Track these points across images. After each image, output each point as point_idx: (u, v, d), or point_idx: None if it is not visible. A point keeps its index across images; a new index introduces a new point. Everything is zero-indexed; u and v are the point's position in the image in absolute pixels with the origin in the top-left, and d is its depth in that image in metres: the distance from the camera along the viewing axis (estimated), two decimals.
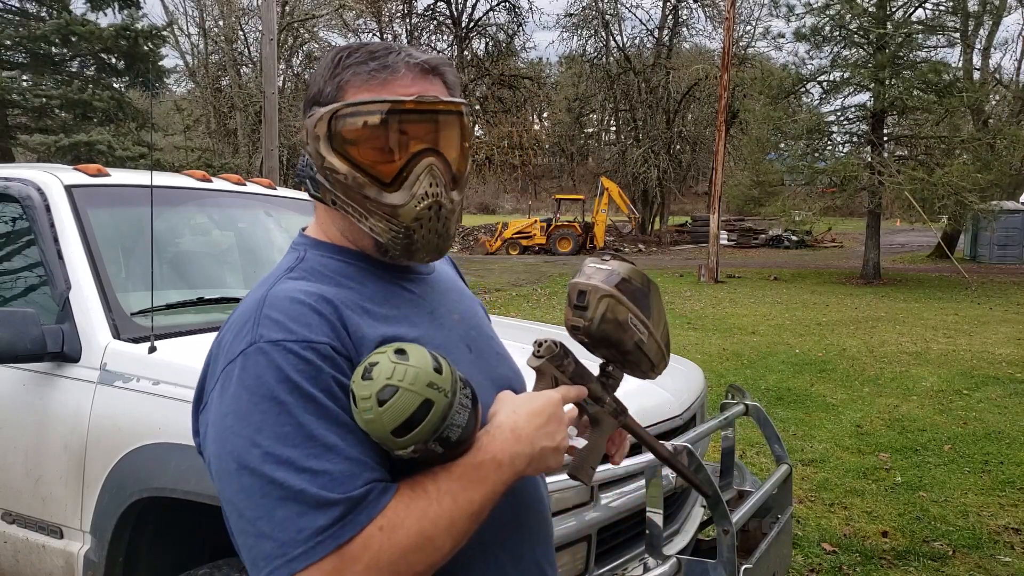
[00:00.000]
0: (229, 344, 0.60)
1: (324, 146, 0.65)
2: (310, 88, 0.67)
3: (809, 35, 12.11)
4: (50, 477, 1.36)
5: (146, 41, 8.96)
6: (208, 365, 0.63)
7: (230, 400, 0.57)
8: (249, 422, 0.55)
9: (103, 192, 1.65)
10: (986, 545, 2.47)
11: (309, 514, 0.53)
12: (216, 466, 0.58)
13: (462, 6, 22.99)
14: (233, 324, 0.62)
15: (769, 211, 13.24)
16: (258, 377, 0.56)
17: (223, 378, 0.58)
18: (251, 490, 0.54)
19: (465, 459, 0.59)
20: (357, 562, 0.53)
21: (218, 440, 0.57)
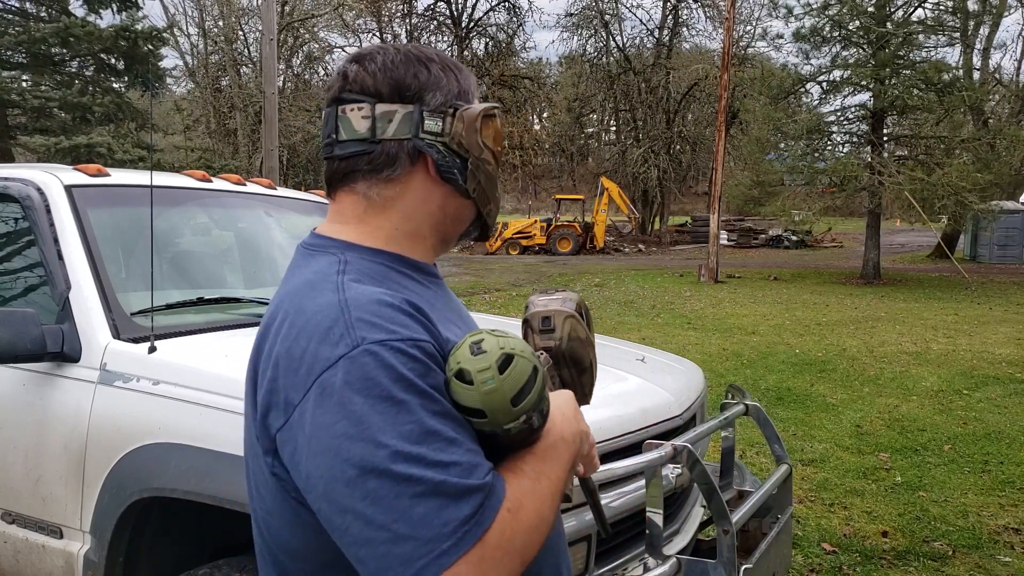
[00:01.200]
0: (315, 351, 0.57)
1: (481, 139, 0.68)
2: (433, 82, 0.67)
3: (808, 36, 12.11)
4: (50, 477, 1.36)
5: (146, 42, 8.97)
6: (277, 379, 0.58)
7: (336, 407, 0.54)
8: (367, 425, 0.53)
9: (103, 192, 1.65)
10: (986, 545, 2.47)
11: (451, 506, 0.52)
12: (326, 478, 0.54)
13: (462, 6, 23.01)
14: (311, 332, 0.58)
15: (769, 211, 13.24)
16: (369, 379, 0.54)
17: (319, 387, 0.55)
18: (379, 493, 0.52)
19: (542, 442, 0.61)
20: (497, 547, 0.53)
21: (327, 451, 0.54)
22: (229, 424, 1.18)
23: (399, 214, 0.67)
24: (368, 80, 0.66)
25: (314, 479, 0.55)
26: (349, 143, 0.66)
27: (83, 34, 8.34)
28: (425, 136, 0.66)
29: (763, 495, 1.43)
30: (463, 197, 0.69)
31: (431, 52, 0.69)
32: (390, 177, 0.66)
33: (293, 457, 0.57)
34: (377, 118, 0.66)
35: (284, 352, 0.59)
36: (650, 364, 1.83)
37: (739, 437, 3.45)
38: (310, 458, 0.55)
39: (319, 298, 0.61)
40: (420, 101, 0.66)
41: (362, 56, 0.68)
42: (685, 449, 1.22)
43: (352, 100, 0.66)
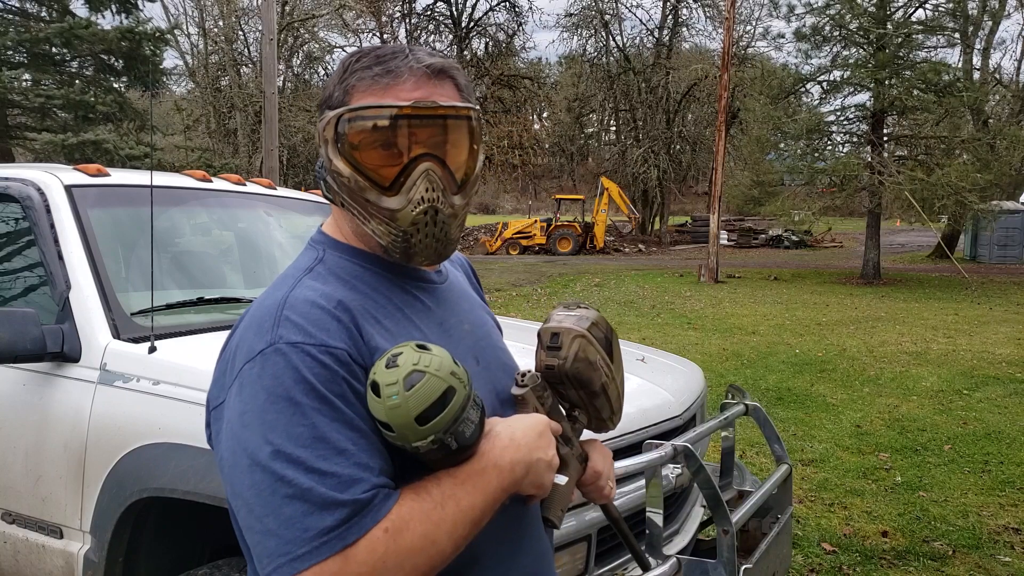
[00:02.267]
0: (249, 343, 0.60)
1: (332, 149, 0.66)
2: (323, 91, 0.69)
3: (809, 35, 12.11)
4: (50, 477, 1.36)
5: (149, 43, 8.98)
6: (226, 362, 0.63)
7: (248, 398, 0.58)
8: (264, 420, 0.56)
9: (103, 192, 1.65)
10: (986, 545, 2.47)
11: (316, 514, 0.53)
12: (229, 462, 0.58)
13: (462, 6, 22.99)
14: (252, 323, 0.62)
15: (769, 211, 13.24)
16: (276, 377, 0.57)
17: (241, 376, 0.59)
18: (261, 486, 0.55)
19: (468, 465, 0.60)
20: (362, 564, 0.53)
21: (232, 436, 0.58)
22: None
23: (340, 202, 0.69)
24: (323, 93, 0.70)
25: (223, 460, 0.59)
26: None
27: (87, 35, 8.35)
28: (319, 145, 0.69)
29: (763, 495, 1.43)
30: (342, 160, 0.66)
31: (358, 53, 0.68)
32: (327, 172, 0.69)
33: (216, 437, 0.61)
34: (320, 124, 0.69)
35: (235, 339, 0.63)
36: (650, 364, 1.83)
37: (739, 437, 3.45)
38: (223, 440, 0.59)
39: (275, 293, 0.64)
40: (327, 105, 0.68)
41: None
42: (685, 449, 1.22)
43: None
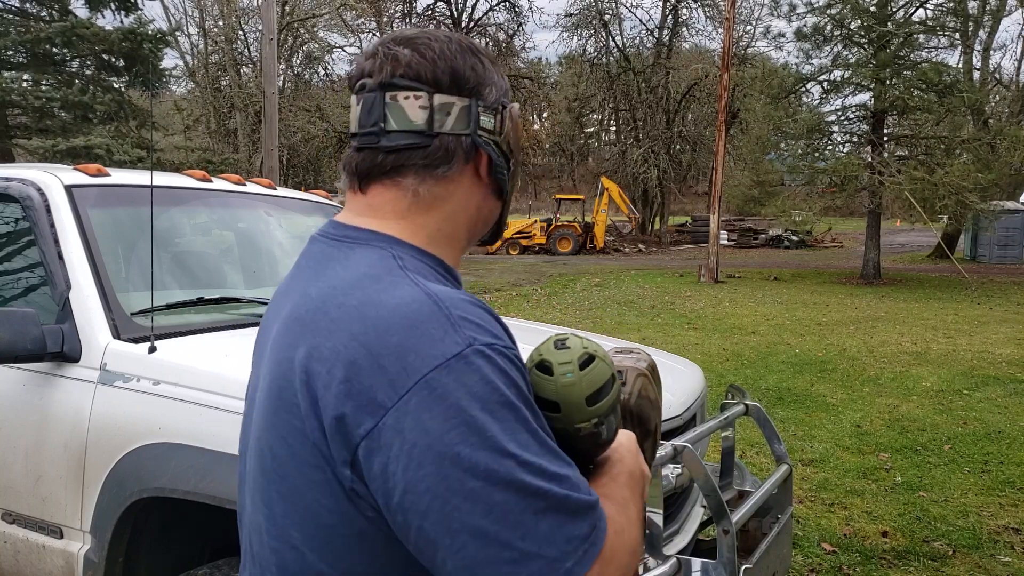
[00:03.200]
0: (413, 347, 0.49)
1: (519, 140, 0.65)
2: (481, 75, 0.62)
3: (810, 34, 12.11)
4: (50, 477, 1.36)
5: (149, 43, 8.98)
6: (354, 378, 0.50)
7: (450, 411, 0.48)
8: (490, 433, 0.48)
9: (103, 192, 1.65)
10: (986, 545, 2.47)
11: (571, 522, 0.48)
12: (437, 491, 0.47)
13: (462, 6, 23.00)
14: (398, 325, 0.51)
15: (769, 211, 13.24)
16: (487, 382, 0.49)
17: (426, 388, 0.48)
18: (507, 507, 0.47)
19: (619, 468, 0.59)
20: (610, 565, 0.50)
21: (440, 460, 0.47)
22: (229, 424, 1.18)
23: (442, 214, 0.62)
24: (425, 67, 0.59)
25: (418, 492, 0.47)
26: (401, 134, 0.59)
27: (88, 35, 8.35)
28: (482, 133, 0.62)
29: (763, 495, 1.43)
30: (496, 199, 0.66)
31: (478, 44, 0.65)
32: (444, 174, 0.61)
33: (385, 468, 0.48)
34: (436, 109, 0.59)
35: (359, 347, 0.51)
36: None
37: (739, 437, 3.45)
38: (413, 467, 0.47)
39: (395, 290, 0.54)
40: (477, 95, 0.61)
41: (413, 40, 0.61)
42: (685, 449, 1.22)
43: (406, 87, 0.59)
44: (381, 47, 0.61)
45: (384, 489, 0.49)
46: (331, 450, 0.51)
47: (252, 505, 0.59)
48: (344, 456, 0.51)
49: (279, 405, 0.55)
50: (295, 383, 0.53)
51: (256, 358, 0.66)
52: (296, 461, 0.54)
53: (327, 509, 0.52)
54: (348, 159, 0.63)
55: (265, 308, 0.68)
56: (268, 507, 0.56)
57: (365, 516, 0.51)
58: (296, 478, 0.54)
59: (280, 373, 0.55)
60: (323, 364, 0.52)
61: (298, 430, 0.53)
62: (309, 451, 0.52)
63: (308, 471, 0.53)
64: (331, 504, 0.52)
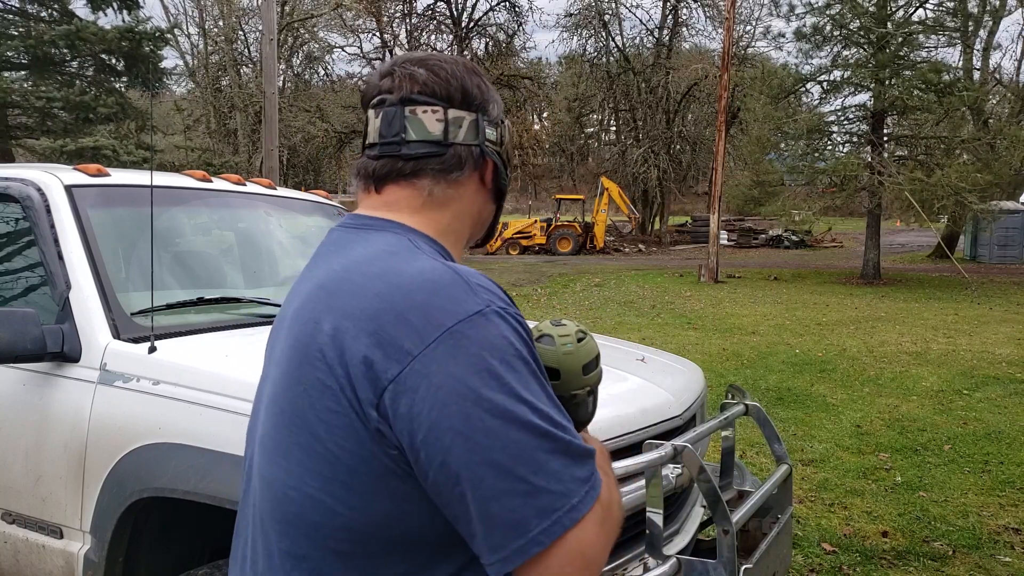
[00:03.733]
0: (438, 304, 0.56)
1: (502, 149, 0.73)
2: (485, 93, 0.71)
3: (810, 35, 12.11)
4: (50, 477, 1.36)
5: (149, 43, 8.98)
6: (381, 330, 0.55)
7: (472, 358, 0.54)
8: (507, 380, 0.54)
9: (103, 192, 1.65)
10: (986, 545, 2.47)
11: (575, 465, 0.54)
12: (460, 427, 0.52)
13: (462, 6, 23.00)
14: (421, 287, 0.57)
15: (769, 211, 13.24)
16: (504, 337, 0.56)
17: (451, 337, 0.54)
18: (522, 444, 0.53)
19: (595, 443, 0.64)
20: (608, 510, 0.56)
21: (464, 400, 0.53)
22: (229, 424, 1.18)
23: (451, 213, 0.70)
24: (440, 85, 0.68)
25: (442, 429, 0.53)
26: (420, 143, 0.68)
27: (89, 36, 8.36)
28: (487, 144, 0.70)
29: (763, 495, 1.43)
30: (493, 203, 0.74)
31: (479, 67, 0.74)
32: (456, 179, 0.69)
33: (411, 409, 0.54)
34: (450, 122, 0.68)
35: (386, 304, 0.57)
36: (650, 364, 1.83)
37: (739, 437, 3.45)
38: (438, 407, 0.53)
39: (415, 262, 0.61)
40: (483, 111, 0.71)
41: (426, 62, 0.69)
42: (685, 449, 1.22)
43: (424, 102, 0.68)
44: (398, 68, 0.69)
45: (409, 428, 0.54)
46: (357, 393, 0.55)
47: (267, 464, 0.62)
48: (370, 398, 0.55)
49: (302, 360, 0.59)
50: (319, 339, 0.58)
51: (272, 338, 0.70)
52: (316, 410, 0.57)
53: (349, 451, 0.56)
54: (364, 165, 0.70)
55: (265, 308, 0.70)
56: (286, 459, 0.59)
57: (388, 455, 0.55)
58: (316, 426, 0.57)
59: (305, 332, 0.60)
60: (351, 320, 0.57)
61: (319, 380, 0.57)
62: (331, 398, 0.56)
63: (330, 417, 0.57)
64: (353, 446, 0.56)
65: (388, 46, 23.43)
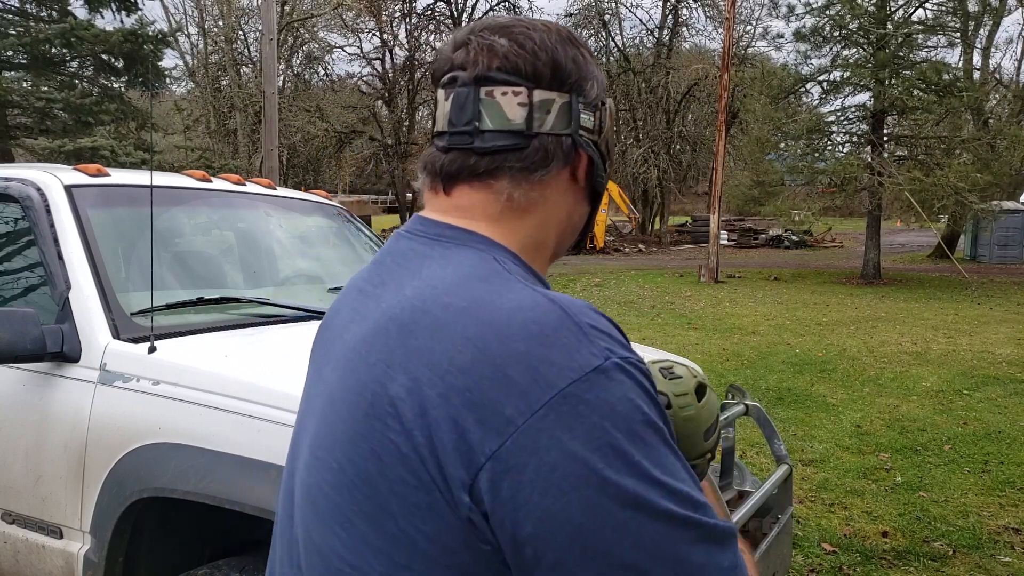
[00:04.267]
0: (544, 356, 0.44)
1: (605, 136, 0.58)
2: (582, 67, 0.57)
3: (809, 35, 12.12)
4: (50, 477, 1.35)
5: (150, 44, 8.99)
6: (475, 388, 0.44)
7: (594, 430, 0.43)
8: (635, 457, 0.43)
9: (103, 192, 1.65)
10: (986, 545, 2.47)
11: (720, 553, 0.44)
12: (581, 520, 0.42)
13: (462, 6, 23.01)
14: (522, 332, 0.45)
15: (769, 211, 13.24)
16: (630, 400, 0.44)
17: (565, 403, 0.43)
18: (660, 538, 0.42)
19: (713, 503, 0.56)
20: None
21: (585, 485, 0.42)
22: (229, 424, 1.18)
23: (535, 220, 0.56)
24: (525, 59, 0.54)
25: (558, 522, 0.42)
26: (497, 134, 0.54)
27: (88, 36, 8.36)
28: (582, 133, 0.56)
29: (763, 495, 1.43)
30: (587, 203, 0.60)
31: (577, 34, 0.58)
32: (541, 178, 0.55)
33: (516, 494, 0.43)
34: (535, 107, 0.54)
35: (478, 353, 0.45)
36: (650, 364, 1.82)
37: (739, 437, 3.44)
38: (553, 493, 0.42)
39: (508, 293, 0.48)
40: (579, 91, 0.56)
41: (509, 29, 0.55)
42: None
43: (503, 81, 0.53)
44: (474, 36, 0.55)
45: (513, 518, 0.43)
46: (443, 470, 0.44)
47: (320, 528, 0.51)
48: (462, 477, 0.44)
49: (369, 412, 0.48)
50: (391, 389, 0.47)
51: (320, 356, 0.58)
52: (388, 480, 0.46)
53: (427, 537, 0.45)
54: (432, 158, 0.57)
55: (265, 308, 0.65)
56: (345, 529, 0.49)
57: (477, 548, 0.44)
58: (388, 499, 0.46)
59: (372, 377, 0.48)
60: (434, 371, 0.46)
61: (393, 444, 0.46)
62: (408, 469, 0.46)
63: (406, 492, 0.46)
64: (432, 531, 0.45)
65: (388, 46, 23.44)
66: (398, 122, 24.04)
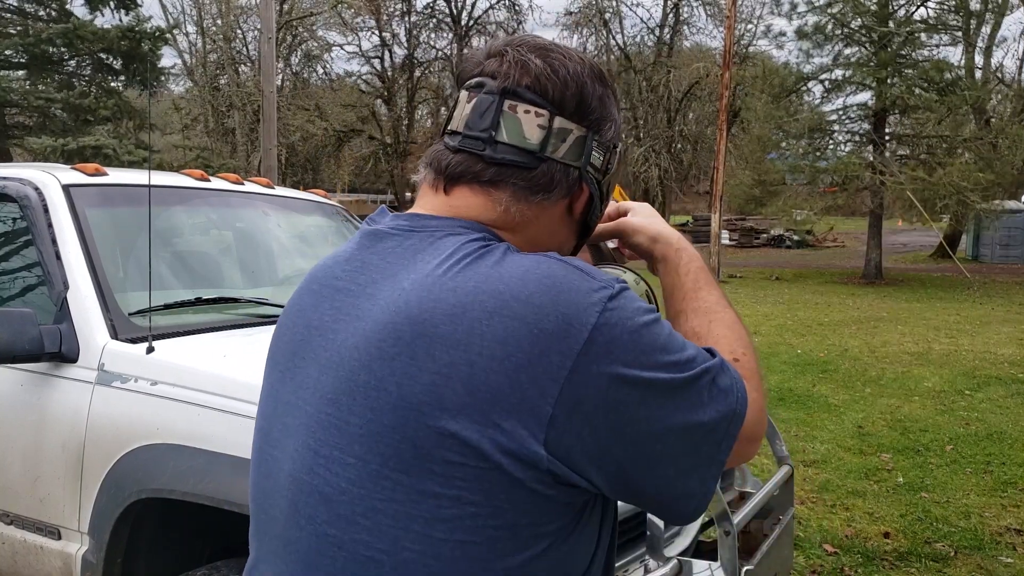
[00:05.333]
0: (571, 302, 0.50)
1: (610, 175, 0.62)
2: (606, 107, 0.60)
3: (811, 33, 12.09)
4: (48, 478, 1.35)
5: (148, 42, 8.98)
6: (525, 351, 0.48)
7: (627, 347, 0.52)
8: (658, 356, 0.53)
9: (101, 192, 1.65)
10: (988, 546, 2.46)
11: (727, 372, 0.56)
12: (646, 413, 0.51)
13: (461, 4, 23.01)
14: (540, 290, 0.50)
15: (770, 211, 13.23)
16: (637, 309, 0.54)
17: (598, 334, 0.51)
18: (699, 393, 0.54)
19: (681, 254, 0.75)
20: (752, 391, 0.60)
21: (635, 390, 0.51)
22: (227, 425, 1.17)
23: (524, 237, 0.58)
24: (556, 85, 0.56)
25: (631, 427, 0.51)
26: (510, 148, 0.56)
27: (88, 35, 8.36)
28: (589, 169, 0.58)
29: (764, 496, 1.43)
30: (574, 237, 0.63)
31: (607, 75, 0.62)
32: (539, 202, 0.57)
33: (587, 423, 0.50)
34: (553, 132, 0.56)
35: (507, 321, 0.49)
36: None
37: None
38: (617, 409, 0.50)
39: (509, 262, 0.53)
40: (597, 129, 0.58)
41: (547, 52, 0.57)
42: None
43: (529, 100, 0.56)
44: (511, 49, 0.57)
45: (593, 445, 0.50)
46: (510, 436, 0.48)
47: (336, 519, 0.52)
48: (534, 433, 0.48)
49: (398, 406, 0.50)
50: (423, 380, 0.49)
51: (294, 358, 0.58)
52: (428, 462, 0.49)
53: (474, 505, 0.49)
54: (438, 155, 0.58)
55: (264, 308, 0.65)
56: (370, 518, 0.51)
57: (532, 501, 0.49)
58: (426, 482, 0.49)
59: (392, 372, 0.50)
60: (468, 351, 0.49)
61: (431, 429, 0.49)
62: (453, 449, 0.49)
63: (449, 470, 0.49)
64: (481, 499, 0.49)
65: (387, 44, 23.43)
66: (397, 121, 24.05)
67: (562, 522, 0.52)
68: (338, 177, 25.62)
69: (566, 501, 0.51)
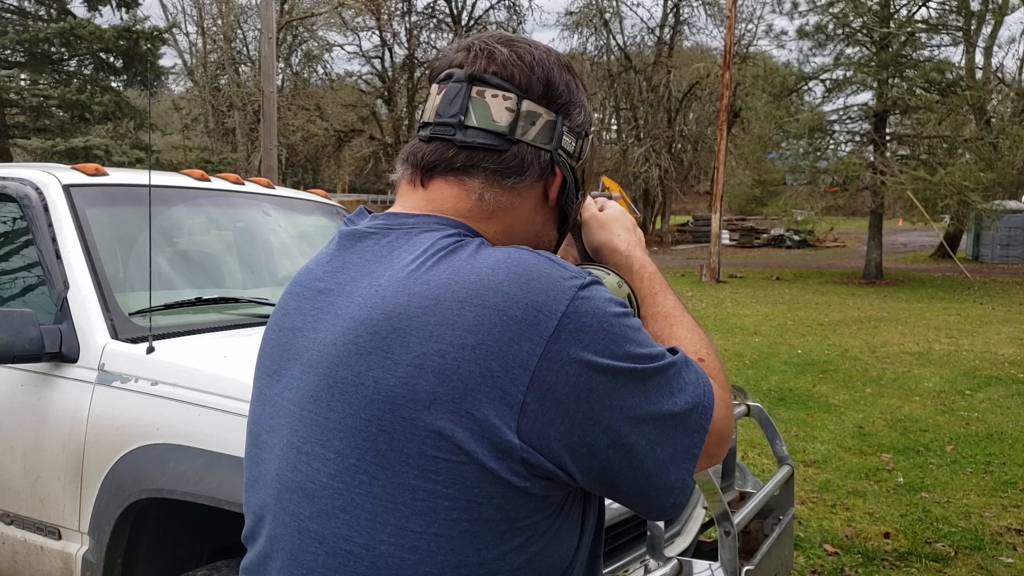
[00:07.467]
0: (545, 289, 0.51)
1: (583, 163, 0.63)
2: (574, 94, 0.61)
3: (812, 33, 12.09)
4: (48, 478, 1.35)
5: (147, 41, 8.97)
6: (496, 338, 0.49)
7: (597, 335, 0.52)
8: (626, 346, 0.54)
9: (101, 191, 1.65)
10: (988, 546, 2.46)
11: (691, 367, 0.57)
12: (613, 401, 0.52)
13: (462, 4, 23.00)
14: (511, 279, 0.51)
15: (771, 211, 13.23)
16: (608, 300, 0.55)
17: (567, 322, 0.51)
18: (667, 383, 0.55)
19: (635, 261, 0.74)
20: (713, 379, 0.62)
21: (604, 378, 0.52)
22: (227, 425, 1.17)
23: (501, 225, 0.59)
24: (521, 70, 0.57)
25: (600, 413, 0.51)
26: (479, 132, 0.56)
27: (86, 34, 8.35)
28: (561, 153, 0.59)
29: (765, 496, 1.43)
30: (554, 229, 0.63)
31: (575, 66, 0.63)
32: (513, 186, 0.58)
33: (557, 409, 0.50)
34: (521, 115, 0.57)
35: (478, 308, 0.50)
36: None
37: (741, 438, 3.43)
38: (586, 398, 0.51)
39: (481, 254, 0.53)
40: (566, 114, 0.60)
41: (512, 42, 0.59)
42: None
43: (496, 85, 0.57)
44: (478, 41, 0.59)
45: (563, 431, 0.50)
46: (483, 425, 0.48)
47: (318, 514, 0.53)
48: (507, 421, 0.48)
49: (374, 400, 0.51)
50: (398, 373, 0.50)
51: (278, 359, 0.59)
52: (403, 455, 0.50)
53: (448, 498, 0.50)
54: (413, 149, 0.60)
55: (264, 308, 0.65)
56: (349, 512, 0.51)
57: (506, 491, 0.49)
58: (402, 474, 0.50)
59: (369, 367, 0.51)
60: (440, 341, 0.49)
61: (407, 422, 0.49)
62: (427, 442, 0.49)
63: (424, 463, 0.49)
64: (455, 491, 0.49)
65: (387, 44, 23.43)
66: (398, 121, 24.04)
67: (537, 517, 0.52)
68: (338, 177, 25.64)
69: (542, 494, 0.51)
